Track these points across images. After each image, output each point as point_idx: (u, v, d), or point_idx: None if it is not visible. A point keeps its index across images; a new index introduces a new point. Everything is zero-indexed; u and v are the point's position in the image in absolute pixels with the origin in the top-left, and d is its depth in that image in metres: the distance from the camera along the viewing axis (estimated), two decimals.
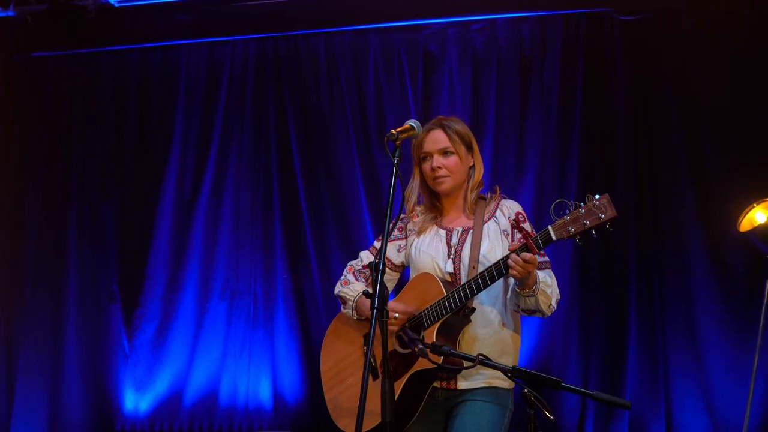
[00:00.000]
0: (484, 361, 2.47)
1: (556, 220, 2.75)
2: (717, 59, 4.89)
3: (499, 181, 4.97)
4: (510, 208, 3.12)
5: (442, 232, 3.10)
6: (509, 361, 2.99)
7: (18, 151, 5.72)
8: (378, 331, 2.81)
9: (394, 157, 2.67)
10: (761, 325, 4.37)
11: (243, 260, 5.37)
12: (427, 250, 3.08)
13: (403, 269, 3.26)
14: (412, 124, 2.80)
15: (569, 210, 2.73)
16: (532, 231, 3.02)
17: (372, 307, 2.44)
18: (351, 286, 3.17)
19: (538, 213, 4.90)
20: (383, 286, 2.50)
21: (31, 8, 5.42)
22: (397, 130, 2.75)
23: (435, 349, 2.55)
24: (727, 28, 4.88)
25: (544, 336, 4.96)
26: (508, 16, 5.20)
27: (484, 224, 3.05)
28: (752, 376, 4.37)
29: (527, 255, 2.73)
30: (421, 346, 2.54)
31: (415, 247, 3.11)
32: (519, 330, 3.08)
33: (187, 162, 5.52)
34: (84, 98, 5.69)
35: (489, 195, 3.16)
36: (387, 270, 3.13)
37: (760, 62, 4.83)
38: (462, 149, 3.07)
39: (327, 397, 3.18)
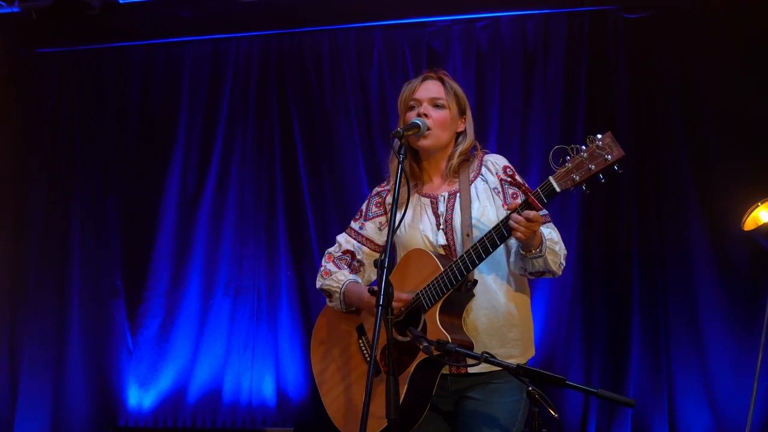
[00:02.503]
0: (489, 359, 2.43)
1: (557, 169, 2.48)
2: (720, 56, 4.88)
3: None
4: (495, 162, 2.89)
5: (426, 200, 2.85)
6: (521, 332, 2.77)
7: (22, 146, 5.72)
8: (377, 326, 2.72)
9: (399, 154, 2.61)
10: (765, 322, 4.38)
11: (246, 256, 5.38)
12: (413, 223, 2.81)
13: None
14: (418, 122, 2.76)
15: (570, 156, 2.45)
16: (525, 184, 2.81)
17: (377, 305, 2.36)
18: (334, 277, 2.92)
19: None
20: (388, 283, 2.40)
21: (36, 4, 5.41)
22: (402, 127, 2.74)
23: (440, 347, 2.48)
24: (730, 26, 4.88)
25: (547, 332, 4.96)
26: (513, 14, 5.21)
27: (470, 184, 2.81)
28: (756, 373, 4.37)
29: (530, 213, 2.48)
30: (425, 344, 2.46)
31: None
32: (528, 294, 2.84)
33: (190, 158, 5.52)
34: (88, 94, 5.69)
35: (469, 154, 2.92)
36: (368, 252, 2.97)
37: (764, 60, 4.83)
38: (455, 108, 2.85)
39: (325, 400, 2.94)
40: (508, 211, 2.56)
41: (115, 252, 5.51)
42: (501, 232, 2.56)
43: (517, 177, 2.84)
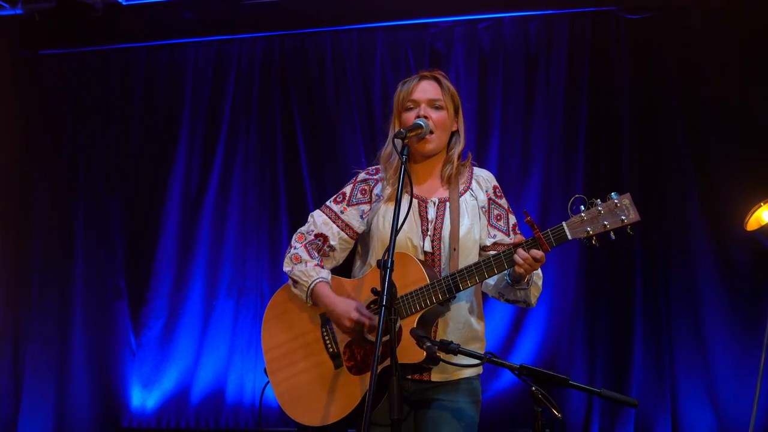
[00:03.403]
0: (492, 359, 2.42)
1: (572, 216, 2.49)
2: (722, 57, 4.89)
3: (505, 179, 4.99)
4: (487, 180, 2.87)
5: (414, 201, 2.76)
6: (478, 347, 2.78)
7: (24, 148, 5.73)
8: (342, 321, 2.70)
9: (402, 155, 2.58)
10: None
11: (250, 257, 5.38)
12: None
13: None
14: (421, 122, 2.74)
15: (585, 207, 2.47)
16: (509, 209, 2.85)
17: (380, 305, 2.34)
18: (304, 268, 2.80)
19: (544, 211, 4.92)
20: (392, 284, 2.38)
21: (39, 6, 5.43)
22: (405, 128, 2.73)
23: (443, 347, 2.44)
24: (732, 26, 4.89)
25: (549, 334, 4.96)
26: (515, 14, 5.23)
27: (460, 197, 2.78)
28: (759, 374, 4.36)
29: (537, 253, 2.49)
30: (429, 344, 2.42)
31: (383, 217, 2.77)
32: (483, 313, 2.85)
33: (193, 159, 5.53)
34: (91, 96, 5.70)
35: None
36: (346, 238, 2.87)
37: (766, 61, 4.83)
38: (451, 108, 2.81)
39: (273, 379, 2.84)
40: (512, 244, 2.58)
41: (119, 253, 5.52)
42: (501, 262, 2.55)
43: (502, 200, 2.86)
